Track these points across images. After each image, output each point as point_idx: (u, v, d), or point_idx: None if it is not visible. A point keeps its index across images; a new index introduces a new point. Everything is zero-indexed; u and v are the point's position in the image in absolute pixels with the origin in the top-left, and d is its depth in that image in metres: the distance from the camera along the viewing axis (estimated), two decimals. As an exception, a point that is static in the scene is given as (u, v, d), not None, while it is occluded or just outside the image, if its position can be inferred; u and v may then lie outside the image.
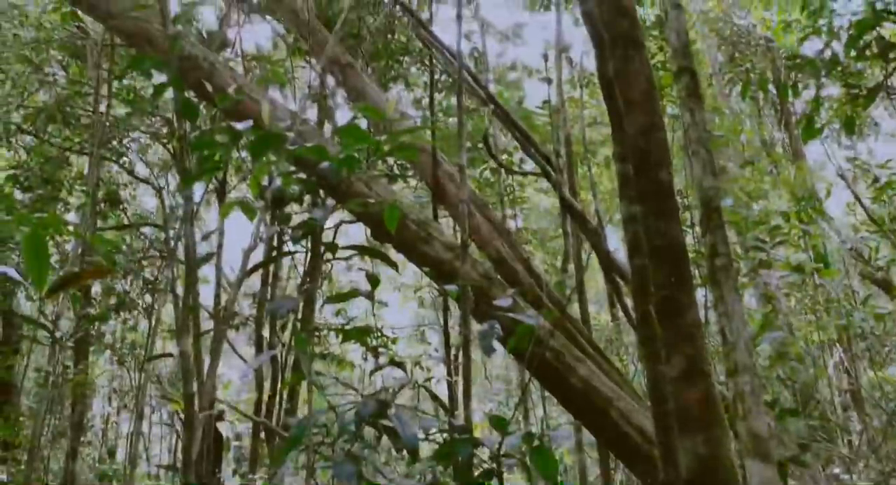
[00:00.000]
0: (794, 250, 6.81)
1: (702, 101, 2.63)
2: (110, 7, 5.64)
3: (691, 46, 9.44)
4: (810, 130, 4.99)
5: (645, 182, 3.18)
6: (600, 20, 3.54)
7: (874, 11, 4.16)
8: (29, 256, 2.64)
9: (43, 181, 9.64)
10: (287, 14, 7.72)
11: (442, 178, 6.56)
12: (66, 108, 9.78)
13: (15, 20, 9.21)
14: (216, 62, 5.80)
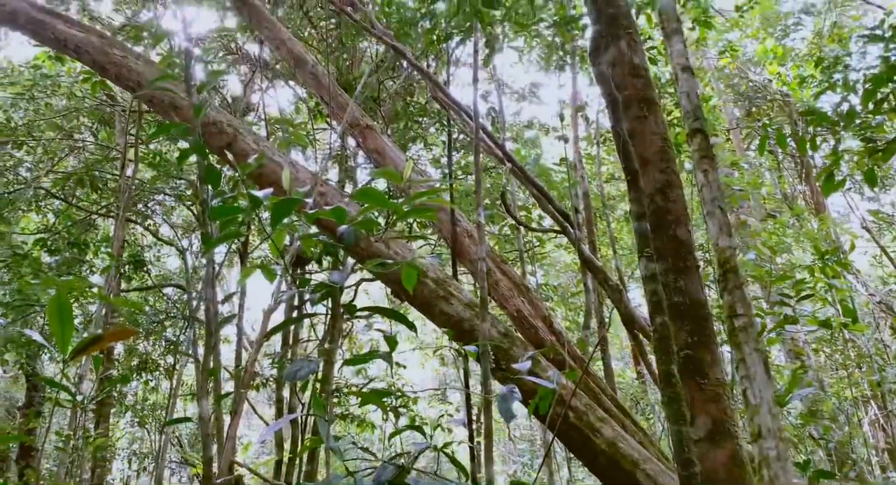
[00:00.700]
0: (820, 305, 6.69)
1: (715, 162, 2.64)
2: (138, 77, 5.85)
3: (707, 102, 9.52)
4: (830, 183, 4.97)
5: (663, 240, 3.17)
6: (614, 81, 3.59)
7: (889, 66, 4.19)
8: (53, 319, 2.68)
9: (69, 244, 9.83)
10: (308, 79, 7.93)
11: (460, 235, 6.59)
12: (94, 173, 10.04)
13: (48, 90, 9.57)
14: (239, 127, 5.95)
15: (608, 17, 3.70)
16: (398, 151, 7.93)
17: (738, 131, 12.06)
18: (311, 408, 5.97)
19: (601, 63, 3.65)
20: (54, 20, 6.22)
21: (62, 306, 2.73)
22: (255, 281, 8.78)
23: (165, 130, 3.35)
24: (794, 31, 11.53)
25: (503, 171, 8.81)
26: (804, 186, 13.12)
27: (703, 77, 9.97)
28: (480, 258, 4.66)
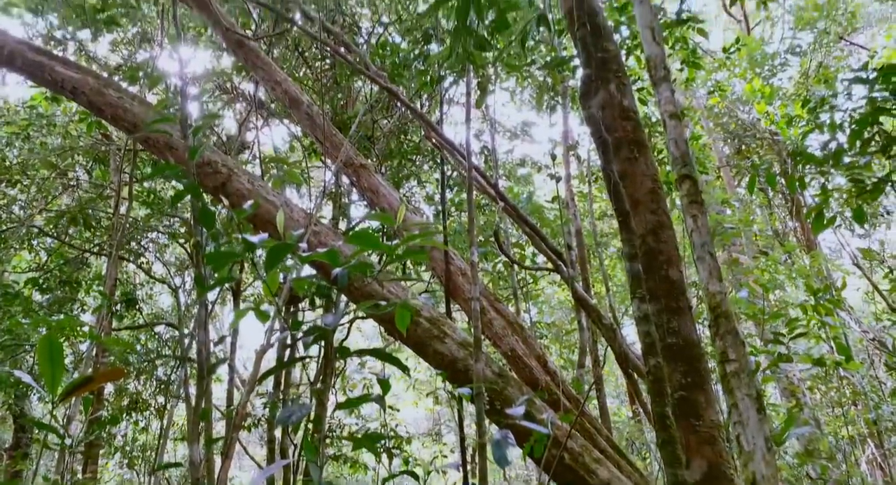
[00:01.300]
0: (814, 342, 6.70)
1: (704, 207, 2.67)
2: (134, 118, 5.90)
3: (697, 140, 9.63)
4: (820, 222, 5.01)
5: (655, 281, 3.18)
6: (604, 123, 3.65)
7: (873, 108, 4.27)
8: (44, 359, 2.67)
9: (61, 282, 9.78)
10: (303, 119, 8.01)
11: (454, 273, 6.59)
12: (87, 211, 10.05)
13: (43, 129, 9.62)
14: (234, 167, 5.99)
15: (598, 61, 3.77)
16: (392, 189, 7.97)
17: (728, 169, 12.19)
18: (303, 450, 5.89)
19: (591, 106, 3.71)
20: (52, 62, 6.30)
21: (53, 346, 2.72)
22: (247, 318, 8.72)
23: (161, 171, 3.37)
24: (781, 70, 11.75)
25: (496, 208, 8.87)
26: (795, 223, 13.23)
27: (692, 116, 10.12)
28: (474, 298, 4.67)
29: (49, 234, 10.43)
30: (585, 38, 3.80)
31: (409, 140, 11.04)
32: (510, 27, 5.74)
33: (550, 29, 5.34)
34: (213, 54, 11.93)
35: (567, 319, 13.46)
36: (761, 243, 10.38)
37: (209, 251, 2.44)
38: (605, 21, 4.00)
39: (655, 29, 3.08)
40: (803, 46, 12.41)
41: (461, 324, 10.31)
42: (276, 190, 6.50)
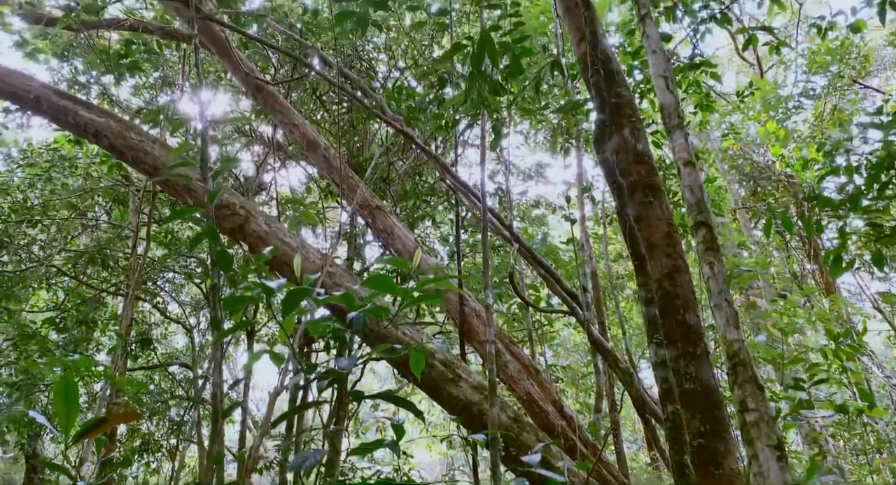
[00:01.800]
0: (836, 388, 6.57)
1: (720, 254, 2.66)
2: (154, 161, 6.01)
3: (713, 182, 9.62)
4: (838, 266, 4.97)
5: (672, 325, 3.15)
6: (618, 168, 3.67)
7: (889, 152, 4.27)
8: (59, 400, 2.67)
9: (78, 322, 9.84)
10: (320, 161, 8.12)
11: (469, 316, 6.57)
12: (106, 251, 10.16)
13: (65, 171, 9.81)
14: (251, 209, 6.05)
15: (612, 106, 3.81)
16: (407, 230, 8.01)
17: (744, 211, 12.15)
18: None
19: (605, 150, 3.73)
20: (76, 106, 6.45)
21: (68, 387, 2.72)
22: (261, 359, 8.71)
23: (180, 215, 3.42)
24: (795, 113, 11.78)
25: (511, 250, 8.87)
26: (813, 265, 13.11)
27: (707, 158, 10.15)
28: (489, 341, 4.63)
29: (67, 273, 10.54)
30: (599, 84, 3.84)
31: (425, 181, 11.13)
32: (524, 72, 5.83)
33: (564, 74, 5.41)
34: (232, 97, 12.18)
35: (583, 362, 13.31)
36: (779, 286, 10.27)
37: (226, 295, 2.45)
38: (618, 67, 4.06)
39: (669, 77, 3.12)
40: (817, 90, 12.46)
41: (476, 366, 10.22)
42: (293, 231, 6.55)
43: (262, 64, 10.44)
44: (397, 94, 8.44)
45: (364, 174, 8.90)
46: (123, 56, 7.72)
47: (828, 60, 12.31)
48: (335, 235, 10.93)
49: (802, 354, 6.81)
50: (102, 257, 10.13)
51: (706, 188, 7.94)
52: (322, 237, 12.32)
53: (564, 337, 14.23)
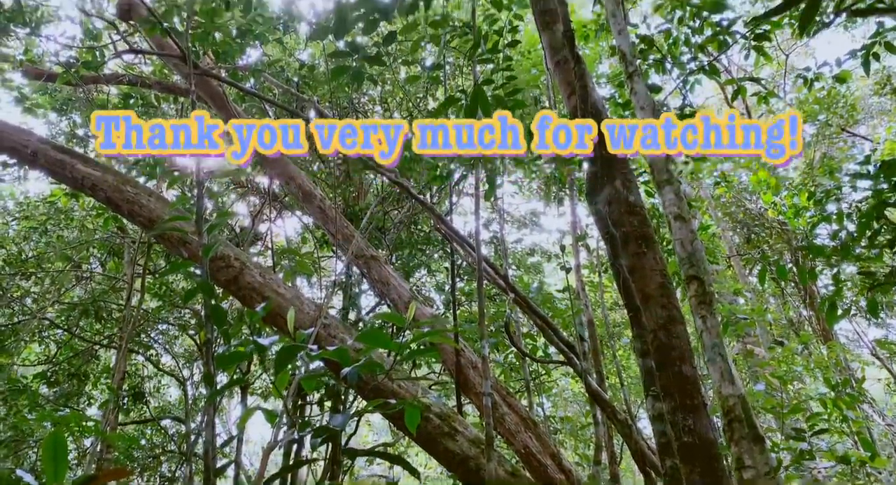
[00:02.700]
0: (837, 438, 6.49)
1: (713, 307, 2.66)
2: (150, 214, 6.04)
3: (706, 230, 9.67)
4: (834, 313, 4.97)
5: (669, 377, 3.13)
6: (611, 219, 3.69)
7: (877, 202, 4.31)
8: (48, 457, 2.62)
9: (69, 376, 9.72)
10: (316, 212, 8.16)
11: (465, 367, 6.51)
12: (99, 303, 10.11)
13: (61, 223, 9.83)
14: (246, 261, 6.05)
15: (603, 158, 3.86)
16: (402, 280, 8.00)
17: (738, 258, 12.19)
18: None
19: (598, 202, 3.77)
20: (73, 160, 6.50)
21: (57, 443, 2.67)
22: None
23: (175, 269, 3.42)
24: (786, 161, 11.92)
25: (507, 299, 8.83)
26: (809, 312, 13.08)
27: (700, 206, 10.24)
28: (486, 393, 4.59)
29: (60, 326, 10.46)
30: (591, 137, 3.90)
31: (420, 230, 11.18)
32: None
33: (556, 126, 5.49)
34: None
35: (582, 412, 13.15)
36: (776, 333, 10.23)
37: (220, 350, 2.44)
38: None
39: (657, 133, 3.18)
40: (807, 138, 12.66)
41: (473, 418, 10.08)
42: (287, 282, 6.54)
43: (258, 117, 10.58)
44: (392, 146, 8.52)
45: (359, 224, 8.94)
46: (122, 109, 7.82)
47: (816, 110, 12.53)
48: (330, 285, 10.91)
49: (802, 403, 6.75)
50: (96, 309, 10.08)
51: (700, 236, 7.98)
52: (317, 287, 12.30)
53: (563, 387, 14.08)
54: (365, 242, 7.79)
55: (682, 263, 2.70)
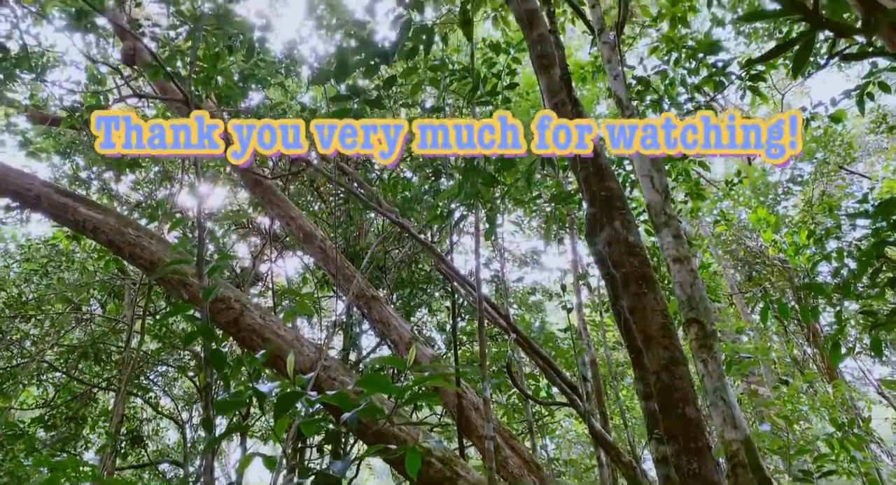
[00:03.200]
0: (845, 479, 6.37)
1: (714, 350, 2.65)
2: (151, 256, 6.05)
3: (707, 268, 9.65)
4: (837, 353, 4.92)
5: (672, 419, 3.09)
6: (611, 260, 3.69)
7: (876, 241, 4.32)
8: (41, 507, 2.59)
9: (67, 419, 9.62)
10: (316, 253, 8.17)
11: (466, 409, 6.44)
12: (99, 345, 10.06)
13: (62, 265, 9.84)
14: (246, 303, 6.04)
15: (602, 199, 3.88)
16: (403, 321, 7.97)
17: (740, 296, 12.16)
18: None
19: (598, 243, 3.77)
20: (75, 203, 6.54)
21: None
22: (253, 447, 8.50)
23: (175, 312, 3.41)
24: (785, 199, 12.00)
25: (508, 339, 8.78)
26: (813, 350, 12.98)
27: (700, 244, 10.26)
28: (488, 437, 4.53)
29: (59, 368, 10.39)
30: (588, 178, 3.92)
31: (421, 269, 11.17)
32: (516, 165, 5.97)
33: (554, 168, 5.54)
34: (230, 190, 12.38)
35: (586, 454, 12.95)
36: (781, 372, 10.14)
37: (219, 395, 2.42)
38: (607, 161, 4.15)
39: (654, 177, 3.20)
40: (805, 176, 12.74)
41: (475, 461, 9.93)
42: (287, 323, 6.51)
43: (260, 158, 10.67)
44: (393, 187, 8.60)
45: (360, 264, 8.95)
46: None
47: (813, 148, 12.64)
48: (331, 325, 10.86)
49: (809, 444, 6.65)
50: (95, 352, 10.02)
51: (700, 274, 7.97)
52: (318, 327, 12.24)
53: (566, 428, 13.90)
54: (365, 283, 7.79)
55: (682, 306, 2.69)
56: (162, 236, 6.85)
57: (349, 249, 10.18)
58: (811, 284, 4.98)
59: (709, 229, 13.11)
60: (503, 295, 10.50)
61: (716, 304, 9.59)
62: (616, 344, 11.77)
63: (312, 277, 11.74)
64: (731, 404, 2.46)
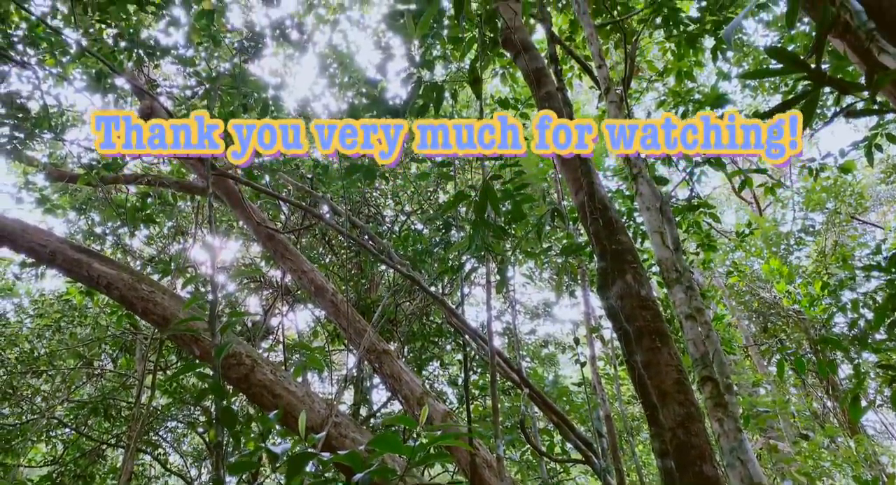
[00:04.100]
0: (873, 539, 6.16)
1: (730, 409, 2.61)
2: (164, 312, 6.07)
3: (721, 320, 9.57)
4: (857, 407, 4.83)
5: (689, 478, 3.02)
6: (624, 314, 3.67)
7: (891, 294, 4.28)
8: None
9: (76, 477, 9.50)
10: (328, 306, 8.17)
11: (480, 465, 6.31)
12: (109, 401, 10.01)
13: (74, 320, 9.87)
14: (257, 358, 6.02)
15: (613, 253, 3.88)
16: (414, 375, 7.89)
17: (756, 348, 12.00)
18: None
19: (610, 297, 3.76)
20: (90, 259, 6.60)
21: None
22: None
23: (187, 370, 3.41)
24: (798, 249, 11.94)
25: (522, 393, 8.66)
26: (833, 402, 12.71)
27: (714, 296, 10.18)
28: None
29: (68, 425, 10.32)
30: (599, 232, 3.94)
31: (432, 322, 11.12)
32: (526, 217, 6.00)
33: (565, 220, 5.57)
34: (243, 244, 12.48)
35: (602, 511, 12.57)
36: (800, 426, 9.92)
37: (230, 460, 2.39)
38: (616, 215, 4.18)
39: (664, 233, 3.21)
40: (816, 226, 12.70)
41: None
42: (298, 378, 6.47)
43: (273, 212, 10.78)
44: (403, 241, 8.65)
45: (371, 317, 8.93)
46: (139, 209, 8.03)
47: (823, 198, 12.64)
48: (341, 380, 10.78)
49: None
50: (105, 407, 9.97)
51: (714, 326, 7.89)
52: (328, 381, 12.15)
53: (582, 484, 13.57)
54: (377, 336, 7.76)
55: (696, 364, 2.66)
56: (175, 292, 6.89)
57: (360, 302, 10.17)
58: (827, 338, 4.92)
59: (722, 280, 13.03)
60: (515, 348, 10.42)
61: (731, 356, 9.45)
62: (631, 398, 11.58)
63: (323, 330, 11.71)
64: (750, 461, 2.40)
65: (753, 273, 12.41)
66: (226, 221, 11.13)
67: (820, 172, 7.69)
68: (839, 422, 12.24)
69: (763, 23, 9.64)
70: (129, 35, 6.90)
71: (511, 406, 10.32)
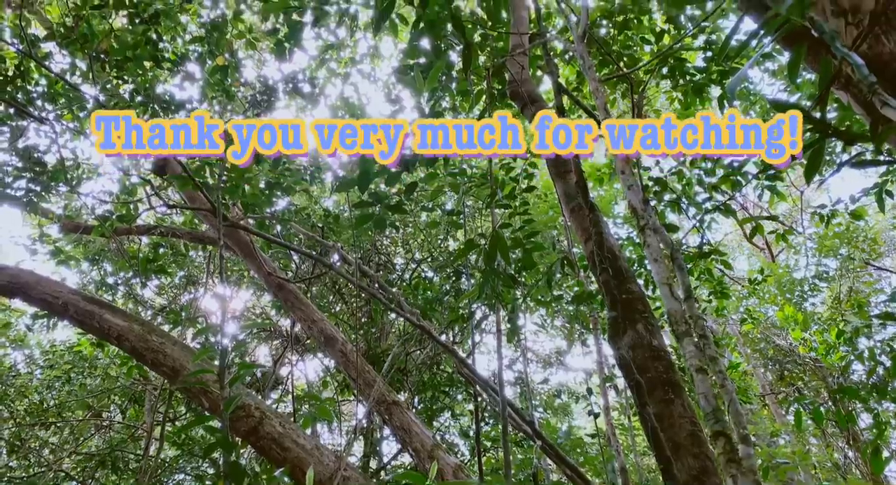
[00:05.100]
0: None
1: (743, 463, 2.55)
2: (174, 363, 6.05)
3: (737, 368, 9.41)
4: (879, 460, 4.71)
5: (708, 536, 2.94)
6: (635, 364, 3.62)
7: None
8: None
9: (82, 532, 9.35)
10: (337, 356, 8.12)
11: (492, 521, 6.16)
12: (117, 453, 9.90)
13: (84, 371, 9.85)
14: (266, 410, 5.96)
15: (623, 302, 3.86)
16: (424, 427, 7.78)
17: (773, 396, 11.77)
18: None
19: (621, 347, 3.72)
20: (101, 310, 6.62)
21: None
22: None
23: (196, 424, 3.38)
24: (812, 296, 11.82)
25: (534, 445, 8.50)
26: (855, 452, 12.39)
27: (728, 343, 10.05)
28: (513, 552, 4.31)
29: (75, 478, 10.19)
30: (608, 282, 3.92)
31: (443, 371, 11.02)
32: (536, 265, 5.99)
33: (575, 269, 5.56)
34: (254, 293, 12.50)
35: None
36: (822, 477, 9.65)
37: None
38: (626, 264, 4.16)
39: (674, 284, 3.19)
40: (830, 272, 12.60)
41: None
42: (306, 429, 6.39)
43: (283, 262, 10.83)
44: (414, 289, 8.64)
45: (381, 366, 8.86)
46: (151, 260, 8.09)
47: (836, 244, 12.57)
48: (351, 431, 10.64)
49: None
50: (113, 460, 9.85)
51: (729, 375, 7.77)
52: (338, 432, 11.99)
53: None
54: (386, 387, 7.68)
55: (708, 418, 2.61)
56: (185, 343, 6.87)
57: (370, 351, 10.11)
58: (845, 388, 4.83)
59: (735, 327, 12.88)
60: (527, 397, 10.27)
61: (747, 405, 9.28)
62: (646, 449, 11.34)
63: (333, 380, 11.62)
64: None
65: (768, 320, 12.26)
66: (237, 270, 11.18)
67: (832, 218, 7.65)
68: (861, 474, 11.90)
69: (769, 72, 9.75)
70: (145, 90, 7.07)
71: (524, 458, 10.12)
